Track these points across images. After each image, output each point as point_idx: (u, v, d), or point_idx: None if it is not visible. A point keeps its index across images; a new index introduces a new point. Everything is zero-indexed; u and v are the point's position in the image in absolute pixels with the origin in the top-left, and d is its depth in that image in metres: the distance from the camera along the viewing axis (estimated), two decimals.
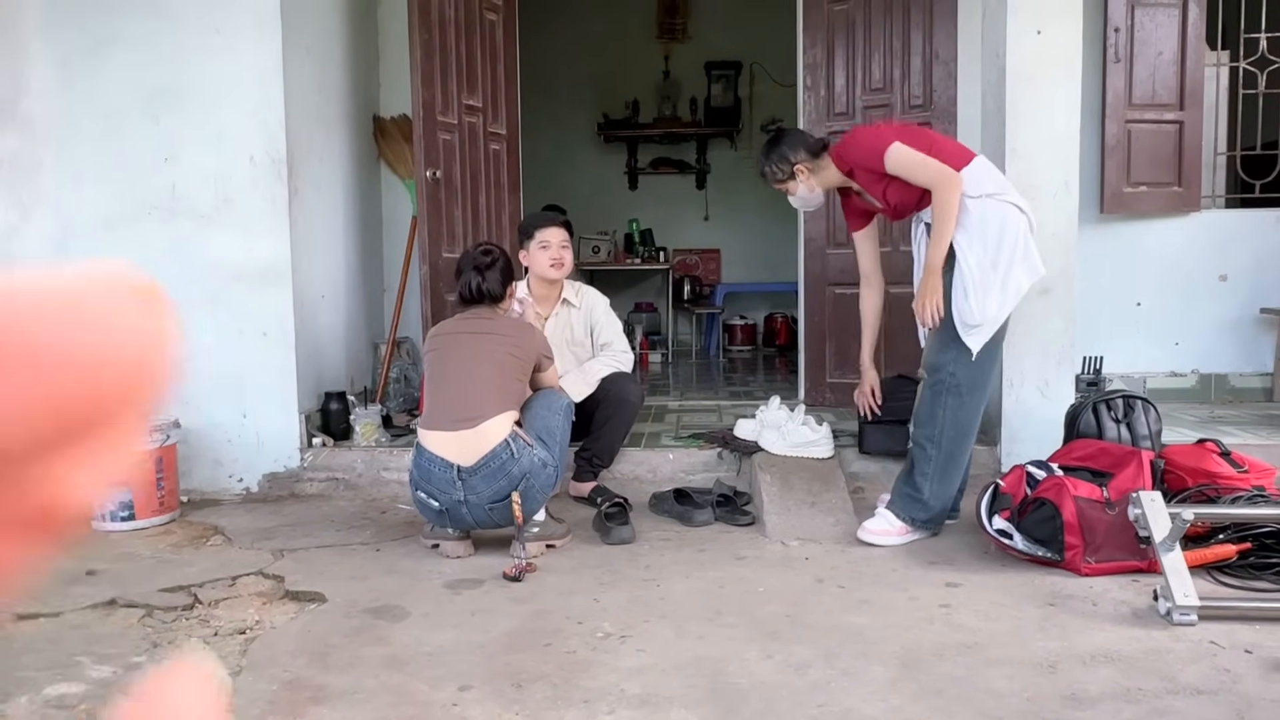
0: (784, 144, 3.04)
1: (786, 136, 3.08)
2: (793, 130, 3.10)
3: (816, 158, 3.01)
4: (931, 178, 2.77)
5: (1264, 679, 1.90)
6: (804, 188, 3.04)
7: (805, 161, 3.01)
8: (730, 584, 2.55)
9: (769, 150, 3.07)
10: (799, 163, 3.01)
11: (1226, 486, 2.81)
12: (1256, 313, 4.66)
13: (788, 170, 3.03)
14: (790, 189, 3.07)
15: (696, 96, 8.10)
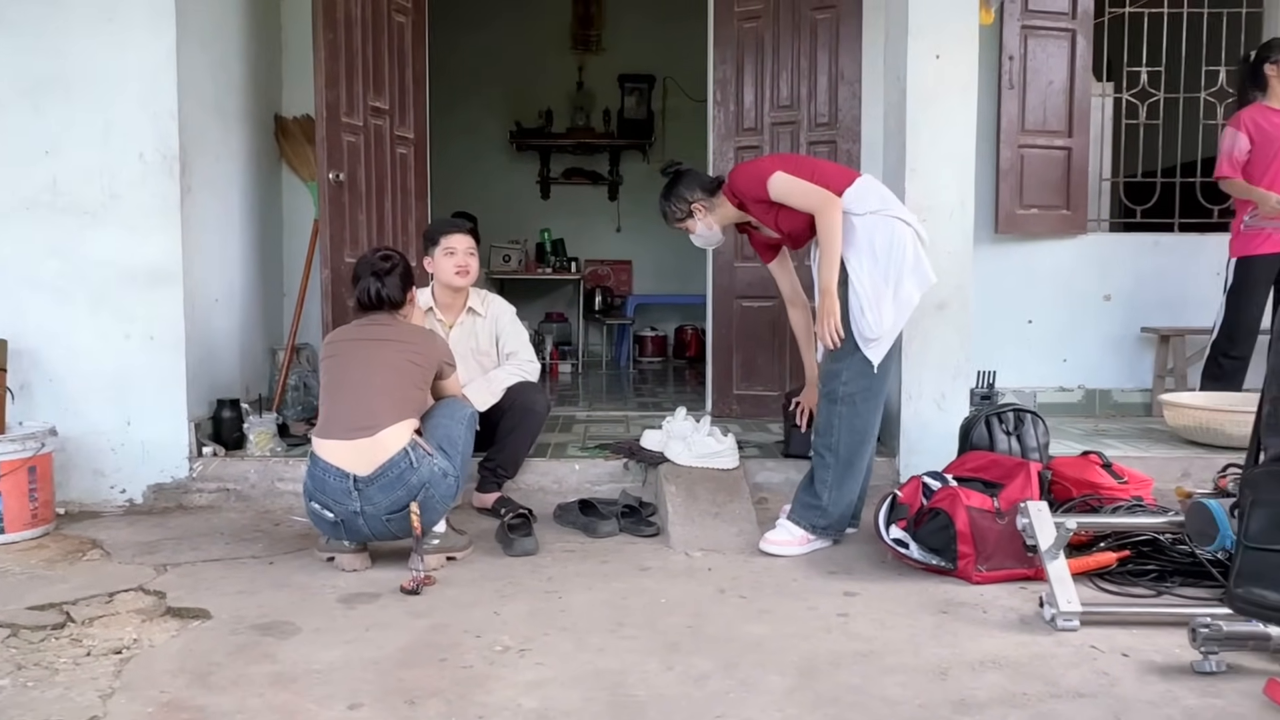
0: (681, 184, 3.12)
1: (683, 178, 3.14)
2: (689, 171, 3.17)
3: (712, 196, 3.10)
4: (811, 203, 2.86)
5: (1139, 681, 1.98)
6: (702, 226, 3.12)
7: (702, 200, 3.09)
8: (633, 595, 2.54)
9: (667, 191, 3.15)
10: (695, 202, 3.09)
11: (1108, 497, 2.94)
12: (1138, 331, 4.91)
13: (685, 209, 3.10)
14: (690, 227, 3.15)
15: (610, 108, 8.13)
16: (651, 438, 3.57)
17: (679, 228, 3.19)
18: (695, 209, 3.10)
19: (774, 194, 2.91)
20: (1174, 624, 2.23)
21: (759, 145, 4.38)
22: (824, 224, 2.84)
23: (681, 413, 3.57)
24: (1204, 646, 2.00)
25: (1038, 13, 4.65)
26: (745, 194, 3.01)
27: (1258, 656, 2.05)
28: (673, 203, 3.13)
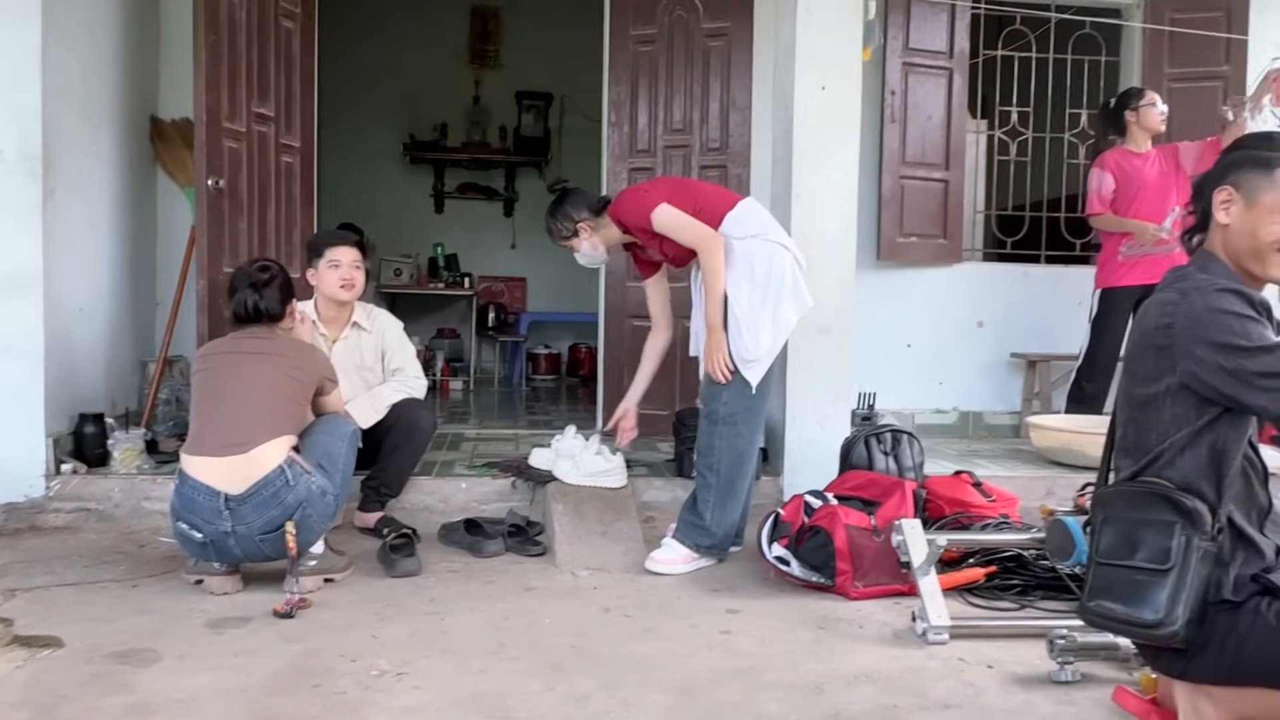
0: (567, 203, 3.13)
1: (570, 196, 3.15)
2: (576, 190, 3.18)
3: (598, 216, 3.12)
4: (694, 240, 2.92)
5: (1002, 691, 2.07)
6: (587, 245, 3.14)
7: (587, 220, 3.11)
8: (517, 616, 2.51)
9: (554, 209, 3.15)
10: (581, 221, 3.11)
11: (978, 514, 3.07)
12: (1008, 356, 5.16)
13: (571, 228, 3.12)
14: (574, 246, 3.17)
15: (507, 124, 8.09)
16: (540, 456, 3.55)
17: (564, 246, 3.20)
18: (581, 228, 3.11)
19: (658, 226, 2.95)
20: (1035, 636, 2.33)
21: (652, 167, 4.44)
22: (707, 263, 2.90)
23: (571, 431, 3.56)
24: (1060, 657, 2.11)
25: (918, 51, 4.87)
26: (630, 222, 3.04)
27: (1109, 665, 2.17)
28: (559, 221, 3.13)
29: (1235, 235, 1.64)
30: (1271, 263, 1.63)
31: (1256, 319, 1.54)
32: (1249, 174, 1.63)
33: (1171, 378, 1.60)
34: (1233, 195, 1.64)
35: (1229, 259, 1.66)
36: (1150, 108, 4.26)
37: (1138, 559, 1.60)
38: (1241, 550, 1.59)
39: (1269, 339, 1.52)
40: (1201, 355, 1.55)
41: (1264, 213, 1.61)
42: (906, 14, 4.83)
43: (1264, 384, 1.51)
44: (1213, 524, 1.56)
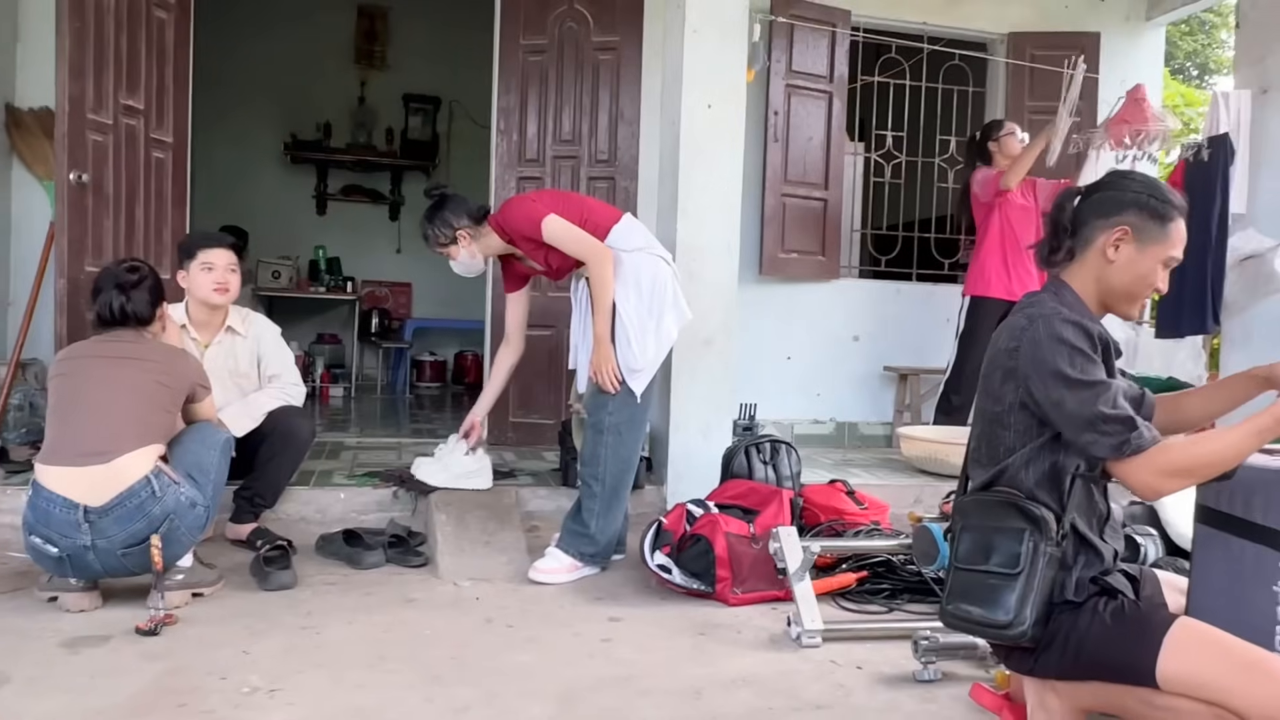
0: (447, 209, 3.08)
1: (449, 202, 3.11)
2: (455, 196, 3.15)
3: (478, 225, 3.10)
4: (584, 252, 2.94)
5: (869, 691, 2.17)
6: (466, 254, 3.11)
7: (467, 228, 3.08)
8: (396, 628, 2.47)
9: (432, 214, 3.09)
10: (461, 229, 3.07)
11: (851, 522, 3.20)
12: (881, 369, 5.38)
13: (450, 235, 3.07)
14: (452, 254, 3.12)
15: (393, 127, 7.95)
16: (424, 465, 3.50)
17: (440, 253, 3.15)
18: (460, 236, 3.08)
19: (548, 237, 2.95)
20: (902, 637, 2.44)
21: (541, 177, 4.45)
22: (596, 278, 2.93)
23: (453, 439, 3.53)
24: (924, 657, 2.22)
25: (800, 74, 5.04)
26: (516, 231, 3.03)
27: (968, 663, 2.30)
28: (437, 227, 3.08)
29: (1117, 273, 1.73)
30: (1135, 306, 1.77)
31: (1091, 357, 1.65)
32: (1146, 220, 1.71)
33: (1015, 398, 1.71)
34: (1127, 236, 1.72)
35: (1094, 290, 1.76)
36: (1010, 136, 4.54)
37: (991, 564, 1.71)
38: (1083, 555, 1.72)
39: (1096, 376, 1.62)
40: (1036, 381, 1.67)
41: (1150, 261, 1.71)
42: (790, 38, 5.00)
43: (1075, 420, 1.62)
44: (1058, 530, 1.68)
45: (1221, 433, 1.59)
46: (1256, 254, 4.42)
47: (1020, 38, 5.45)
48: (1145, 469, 1.58)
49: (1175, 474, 1.58)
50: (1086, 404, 1.60)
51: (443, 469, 3.39)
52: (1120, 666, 1.59)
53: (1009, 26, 5.51)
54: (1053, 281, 1.81)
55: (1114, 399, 1.59)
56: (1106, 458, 1.61)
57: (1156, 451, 1.57)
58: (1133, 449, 1.58)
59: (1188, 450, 1.57)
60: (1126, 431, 1.57)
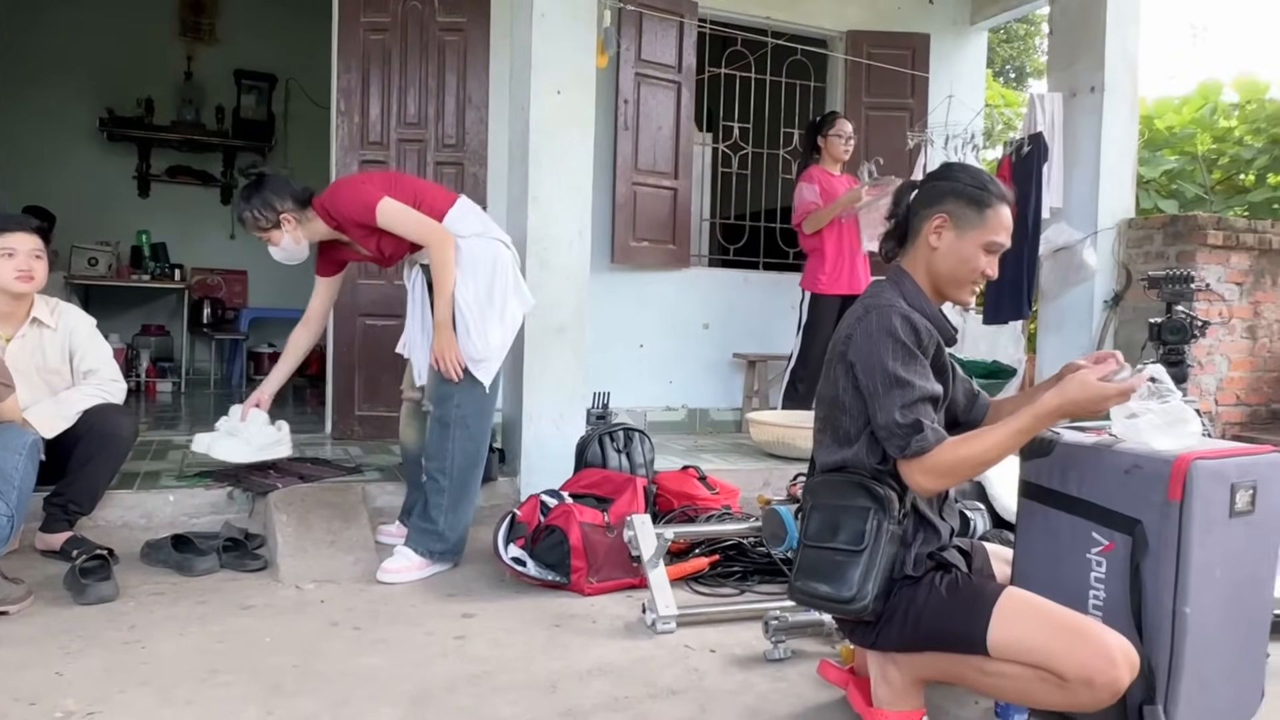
0: (268, 190, 2.90)
1: (270, 182, 2.93)
2: (276, 176, 2.96)
3: (303, 208, 2.94)
4: (424, 235, 2.84)
5: (723, 673, 2.21)
6: (289, 239, 2.93)
7: (292, 211, 2.91)
8: (232, 637, 2.33)
9: (251, 195, 2.90)
10: (285, 212, 2.90)
11: (703, 507, 3.25)
12: (730, 356, 5.50)
13: (272, 219, 2.90)
14: (273, 239, 2.94)
15: (225, 105, 7.49)
16: (202, 441, 3.34)
17: (260, 237, 2.95)
18: (284, 219, 2.90)
19: (382, 221, 2.82)
20: (753, 618, 2.50)
21: (385, 160, 4.29)
22: (438, 261, 2.83)
23: (235, 411, 3.36)
24: (774, 637, 2.28)
25: (649, 63, 5.07)
26: (346, 217, 2.89)
27: (816, 640, 2.37)
28: (257, 209, 2.88)
29: (941, 259, 1.83)
30: (964, 290, 1.85)
31: (914, 352, 1.73)
32: (964, 207, 1.81)
33: (848, 383, 1.79)
34: (946, 223, 1.82)
35: (927, 276, 1.86)
36: (836, 138, 4.61)
37: (838, 541, 1.77)
38: (922, 532, 1.80)
39: (909, 376, 1.70)
40: (862, 370, 1.75)
41: (970, 245, 1.81)
42: (639, 26, 5.01)
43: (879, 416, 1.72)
44: (900, 509, 1.76)
45: (984, 433, 1.72)
46: (1068, 245, 4.78)
47: (858, 36, 5.67)
48: (918, 469, 1.70)
49: (943, 474, 1.69)
50: (889, 407, 1.70)
51: (243, 443, 3.27)
52: (955, 636, 1.68)
53: (847, 25, 5.72)
54: (895, 271, 1.90)
55: (911, 403, 1.69)
56: (894, 456, 1.73)
57: (933, 457, 1.68)
58: (912, 452, 1.69)
59: (955, 451, 1.69)
60: (910, 436, 1.68)
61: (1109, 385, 1.67)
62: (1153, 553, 1.72)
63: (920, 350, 1.74)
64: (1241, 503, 1.77)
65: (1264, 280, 4.72)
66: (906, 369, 1.71)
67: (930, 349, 1.77)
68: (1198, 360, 4.32)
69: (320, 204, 2.93)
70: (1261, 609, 1.92)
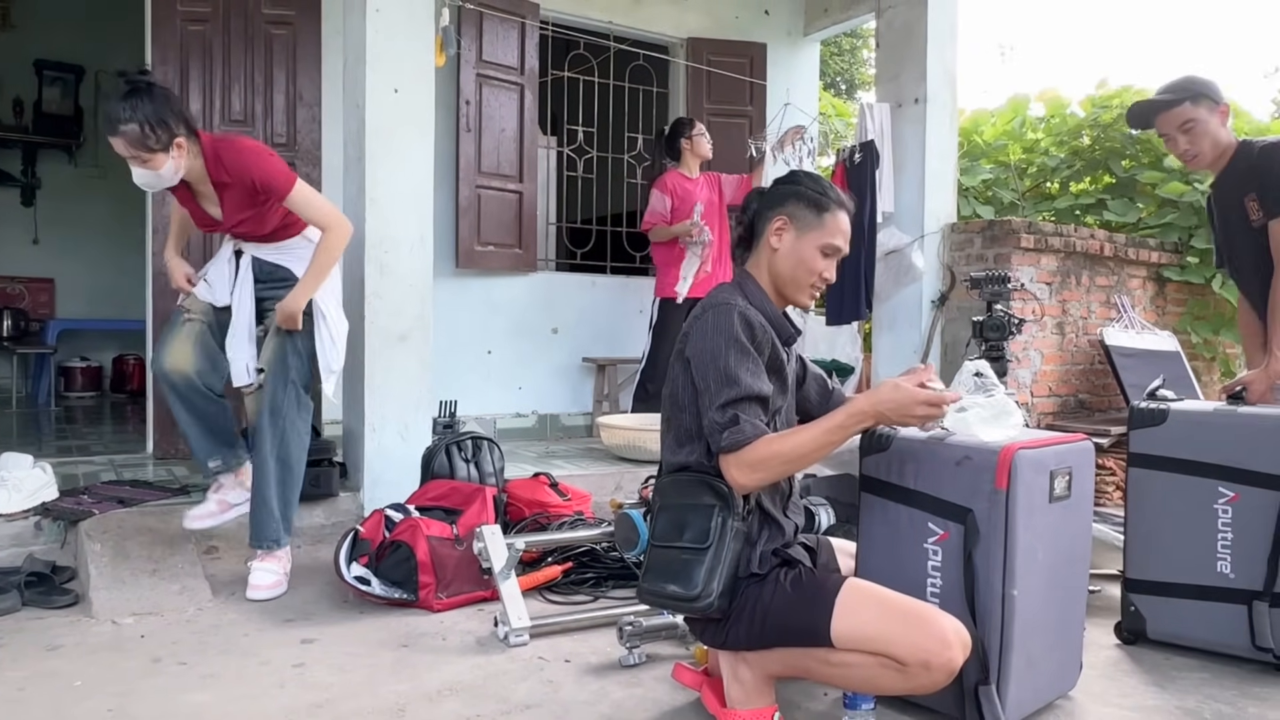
0: (161, 103, 2.51)
1: (162, 95, 2.53)
2: (167, 89, 2.61)
3: (193, 138, 2.63)
4: (331, 219, 2.73)
5: (578, 684, 2.17)
6: (172, 165, 2.57)
7: (185, 137, 2.59)
8: (36, 683, 2.11)
9: (141, 104, 2.48)
10: (180, 136, 2.56)
11: (555, 514, 3.21)
12: (580, 360, 5.48)
13: (165, 140, 2.52)
14: (155, 162, 2.54)
15: (24, 98, 6.85)
16: None
17: (135, 154, 2.51)
18: (177, 144, 2.55)
19: (292, 197, 2.66)
20: (608, 625, 2.48)
21: None
22: (336, 245, 2.74)
23: None
24: (629, 642, 2.27)
25: (491, 64, 4.98)
26: (245, 173, 2.61)
27: (671, 644, 2.38)
28: (151, 123, 2.47)
29: (782, 260, 1.87)
30: (803, 292, 1.90)
31: (747, 349, 1.75)
32: (804, 210, 1.86)
33: (686, 380, 1.81)
34: (786, 225, 1.87)
35: (769, 277, 1.89)
36: (701, 137, 4.77)
37: (684, 540, 1.78)
38: (767, 529, 1.83)
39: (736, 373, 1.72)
40: (695, 365, 1.78)
41: (809, 248, 1.86)
42: (479, 26, 4.92)
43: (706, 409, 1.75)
44: (744, 506, 1.78)
45: (799, 430, 1.77)
46: (899, 248, 5.02)
47: (698, 43, 5.77)
48: (733, 463, 1.73)
49: (757, 468, 1.72)
50: (712, 402, 1.73)
51: (13, 491, 3.07)
52: (800, 630, 1.72)
53: (688, 32, 5.81)
54: (739, 273, 1.93)
55: (734, 400, 1.71)
56: (714, 449, 1.74)
57: (747, 450, 1.71)
58: (726, 445, 1.71)
59: (769, 446, 1.72)
60: (725, 429, 1.71)
61: (919, 390, 1.73)
62: (983, 539, 1.81)
63: (755, 346, 1.77)
64: (1059, 488, 1.89)
65: (1070, 280, 5.11)
66: (737, 365, 1.73)
67: (766, 347, 1.80)
68: (1015, 355, 4.62)
69: (212, 146, 2.63)
70: (1078, 587, 2.06)
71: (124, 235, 6.36)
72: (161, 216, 3.92)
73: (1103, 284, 5.25)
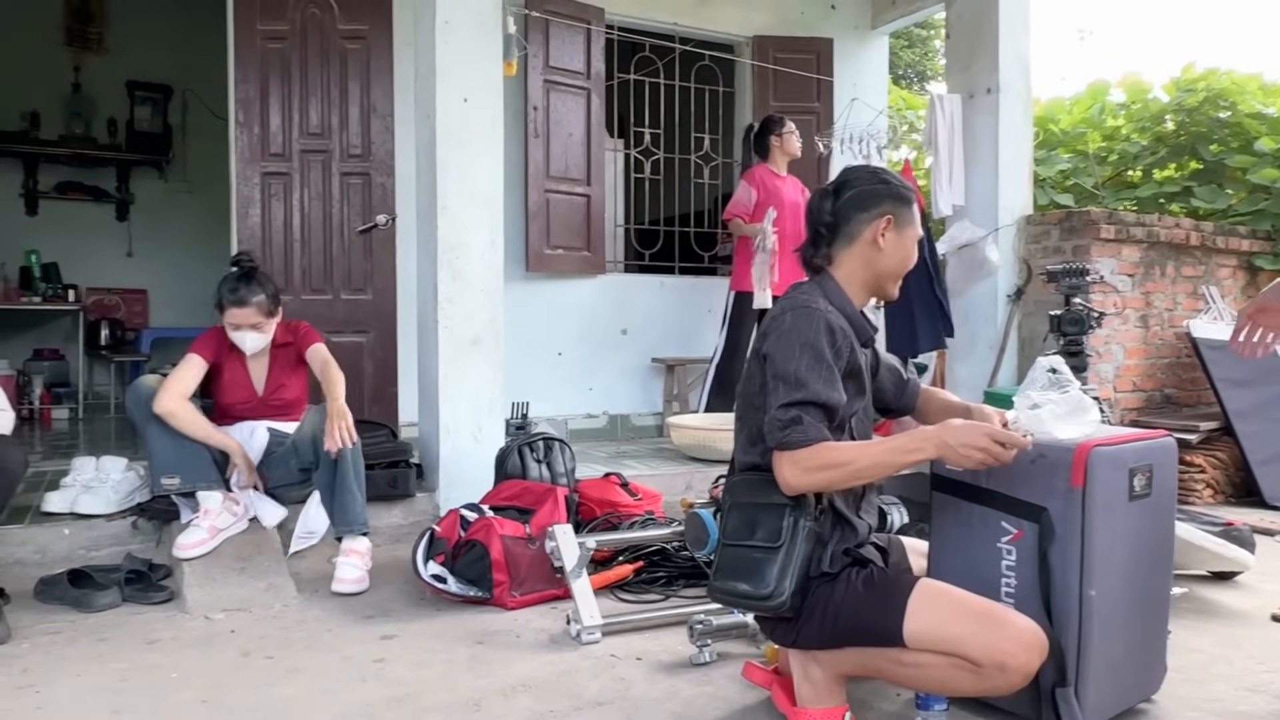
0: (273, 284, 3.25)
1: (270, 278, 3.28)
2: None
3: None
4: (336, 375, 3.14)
5: (649, 681, 2.19)
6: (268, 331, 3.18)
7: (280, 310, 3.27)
8: (136, 674, 2.22)
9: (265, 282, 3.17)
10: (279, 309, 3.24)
11: (626, 513, 3.24)
12: (649, 361, 5.51)
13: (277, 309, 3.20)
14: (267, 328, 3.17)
15: (117, 117, 7.18)
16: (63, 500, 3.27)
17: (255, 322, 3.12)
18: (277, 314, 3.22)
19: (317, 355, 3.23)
20: (679, 623, 2.50)
21: (288, 172, 4.17)
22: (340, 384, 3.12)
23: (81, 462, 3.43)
24: (699, 640, 2.28)
25: (558, 69, 5.05)
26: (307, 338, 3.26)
27: (742, 643, 2.38)
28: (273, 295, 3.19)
29: (887, 257, 1.88)
30: (896, 284, 1.93)
31: (821, 353, 1.73)
32: (900, 207, 1.88)
33: (763, 379, 1.80)
34: (891, 224, 1.87)
35: (863, 276, 1.89)
36: (791, 135, 4.76)
37: (756, 539, 1.78)
38: (839, 529, 1.82)
39: (806, 378, 1.70)
40: (769, 365, 1.77)
41: (909, 242, 1.89)
42: (545, 33, 4.99)
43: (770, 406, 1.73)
44: (816, 506, 1.78)
45: (864, 445, 1.74)
46: (971, 242, 4.93)
47: (763, 41, 5.74)
48: (787, 461, 1.71)
49: (812, 471, 1.69)
50: (778, 400, 1.72)
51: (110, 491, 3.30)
52: (873, 631, 1.70)
53: (753, 30, 5.79)
54: (817, 273, 1.93)
55: (799, 402, 1.69)
56: (770, 443, 1.72)
57: (804, 451, 1.69)
58: (783, 442, 1.70)
59: (828, 453, 1.69)
60: (785, 427, 1.69)
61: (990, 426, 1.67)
62: (1059, 538, 1.77)
63: (834, 351, 1.76)
64: (1139, 486, 1.84)
65: (1153, 271, 4.94)
66: (810, 371, 1.72)
67: (845, 351, 1.79)
68: (1095, 350, 4.49)
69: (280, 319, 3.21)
70: (1162, 588, 2.00)
71: (211, 247, 6.61)
72: (246, 228, 4.08)
73: (1189, 274, 5.07)
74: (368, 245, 4.21)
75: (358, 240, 4.20)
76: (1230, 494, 4.42)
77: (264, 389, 3.25)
